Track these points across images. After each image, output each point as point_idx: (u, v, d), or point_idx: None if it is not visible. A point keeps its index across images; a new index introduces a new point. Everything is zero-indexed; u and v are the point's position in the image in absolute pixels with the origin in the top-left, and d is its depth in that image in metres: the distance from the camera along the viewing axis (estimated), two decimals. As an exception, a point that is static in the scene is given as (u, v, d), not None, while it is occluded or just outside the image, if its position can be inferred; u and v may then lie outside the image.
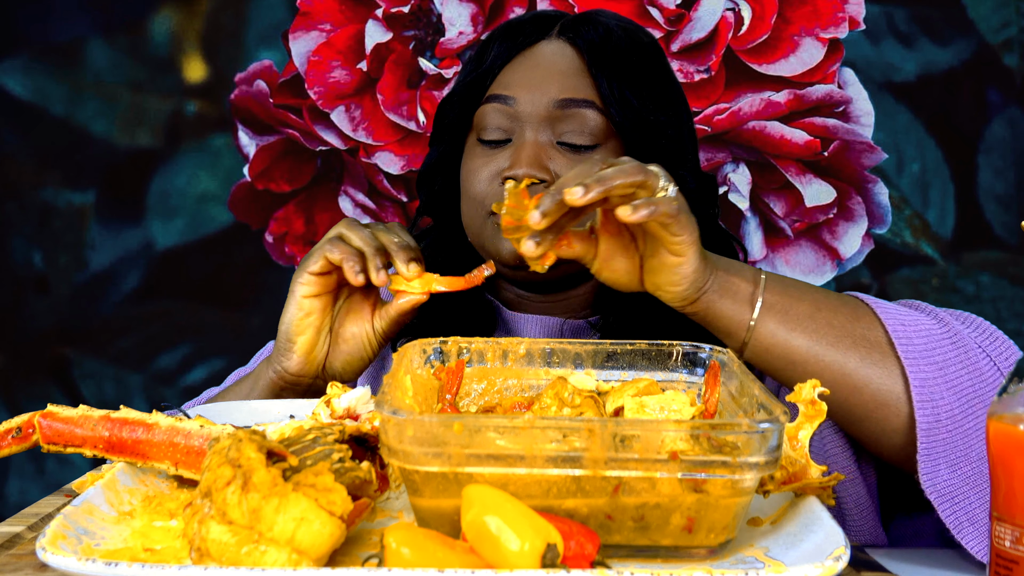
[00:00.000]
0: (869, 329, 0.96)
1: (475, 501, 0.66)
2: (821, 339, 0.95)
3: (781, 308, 0.95)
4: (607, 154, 1.16)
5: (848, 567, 0.71)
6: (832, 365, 0.95)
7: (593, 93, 1.16)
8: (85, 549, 0.69)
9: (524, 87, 1.17)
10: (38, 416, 0.81)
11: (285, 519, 0.65)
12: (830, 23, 2.10)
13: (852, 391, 0.95)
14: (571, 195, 0.84)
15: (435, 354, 0.89)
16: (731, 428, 0.69)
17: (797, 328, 0.95)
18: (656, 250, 0.91)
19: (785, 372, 0.96)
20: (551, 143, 1.16)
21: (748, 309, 0.94)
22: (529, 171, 1.13)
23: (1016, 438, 0.69)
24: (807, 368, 0.95)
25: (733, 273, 0.95)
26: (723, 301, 0.94)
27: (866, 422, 0.96)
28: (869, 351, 0.95)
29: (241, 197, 2.18)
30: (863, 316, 0.97)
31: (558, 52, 1.19)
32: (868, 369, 0.95)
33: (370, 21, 2.13)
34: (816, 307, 0.96)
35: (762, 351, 0.95)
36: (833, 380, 0.94)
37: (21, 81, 2.18)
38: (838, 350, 0.95)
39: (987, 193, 2.12)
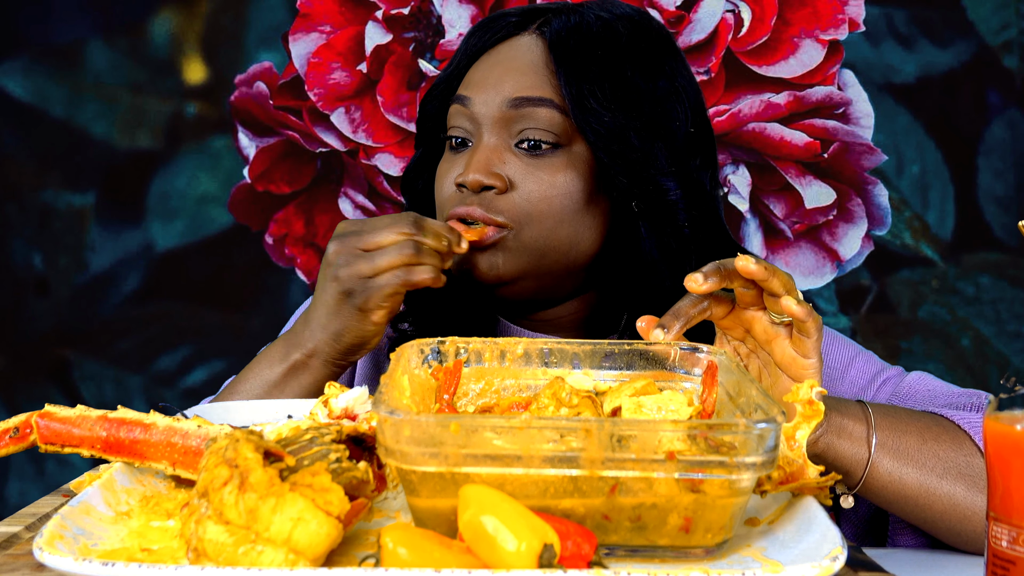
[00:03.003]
0: (971, 456, 0.98)
1: (472, 501, 0.66)
2: (931, 472, 0.97)
3: (892, 445, 0.96)
4: (570, 156, 1.10)
5: (845, 567, 0.71)
6: (943, 498, 0.97)
7: (553, 91, 1.10)
8: (82, 549, 0.69)
9: (480, 87, 1.12)
10: (36, 416, 0.81)
11: (282, 519, 0.65)
12: (830, 25, 2.10)
13: (962, 520, 0.98)
14: (743, 262, 0.85)
15: (432, 354, 0.89)
16: (728, 428, 0.69)
17: (909, 463, 0.97)
18: (777, 380, 0.92)
19: (897, 505, 0.98)
20: (508, 145, 1.11)
21: (865, 449, 0.95)
22: (476, 176, 1.08)
23: (1012, 438, 0.69)
24: (919, 501, 0.97)
25: (845, 414, 0.96)
26: (841, 442, 0.95)
27: (974, 543, 0.98)
28: (975, 480, 0.97)
29: (241, 199, 2.18)
30: (963, 443, 0.99)
31: (524, 48, 1.13)
32: (976, 497, 0.97)
33: (370, 23, 2.13)
34: (922, 439, 0.98)
35: (878, 488, 0.97)
36: (944, 511, 0.97)
37: (21, 83, 2.18)
38: (947, 481, 0.97)
39: (987, 195, 2.12)
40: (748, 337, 0.93)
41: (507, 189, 1.09)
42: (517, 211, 1.09)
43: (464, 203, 1.09)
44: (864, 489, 0.97)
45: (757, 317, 0.91)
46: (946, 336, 2.14)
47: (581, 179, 1.10)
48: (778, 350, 0.90)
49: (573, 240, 1.11)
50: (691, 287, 0.87)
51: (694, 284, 0.87)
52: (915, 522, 0.99)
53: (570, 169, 1.10)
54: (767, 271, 0.86)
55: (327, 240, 2.18)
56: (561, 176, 1.09)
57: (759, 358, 0.94)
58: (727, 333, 0.94)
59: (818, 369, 0.90)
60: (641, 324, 0.89)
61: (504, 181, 1.09)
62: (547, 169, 1.09)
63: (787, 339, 0.90)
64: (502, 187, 1.09)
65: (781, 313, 0.89)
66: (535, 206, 1.09)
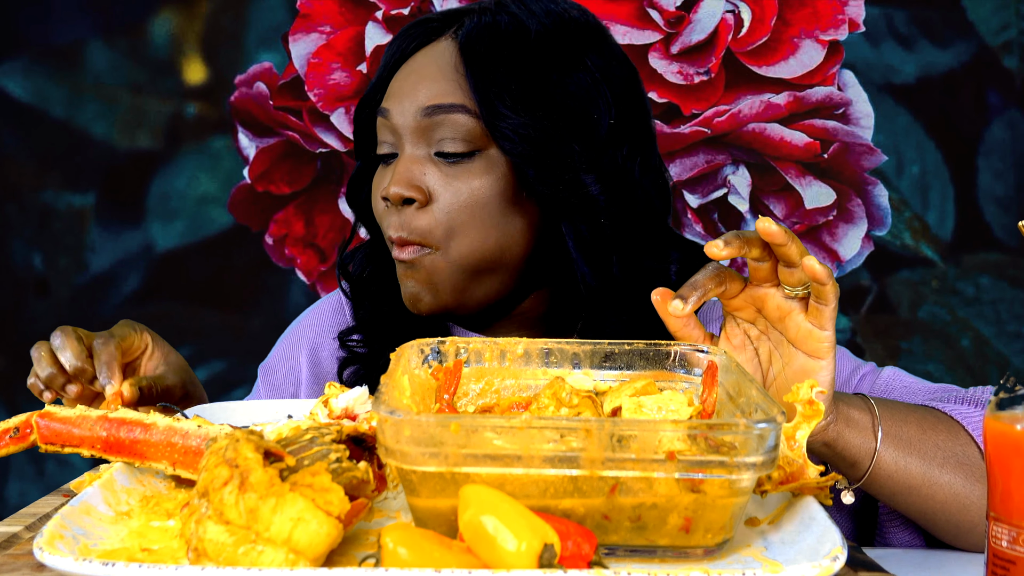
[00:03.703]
0: (966, 446, 0.99)
1: (472, 501, 0.66)
2: (932, 462, 0.97)
3: (895, 434, 0.96)
4: (486, 162, 1.07)
5: (845, 567, 0.71)
6: (944, 487, 0.97)
7: (464, 96, 1.07)
8: (82, 549, 0.69)
9: (396, 97, 1.10)
10: (36, 416, 0.81)
11: (282, 519, 0.65)
12: (830, 25, 2.10)
13: (962, 509, 0.98)
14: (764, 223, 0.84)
15: (433, 354, 0.88)
16: (728, 428, 0.69)
17: (912, 453, 0.97)
18: (791, 359, 0.91)
19: (901, 496, 0.98)
20: (428, 155, 1.08)
21: (872, 438, 0.95)
22: (396, 189, 1.06)
23: (1013, 438, 0.69)
24: (922, 491, 0.97)
25: (851, 404, 0.96)
26: (850, 431, 0.94)
27: (972, 534, 0.99)
28: (971, 468, 0.98)
29: (241, 199, 2.18)
30: (959, 433, 1.00)
31: (438, 54, 1.10)
32: (974, 486, 0.97)
33: (370, 23, 2.13)
34: (922, 429, 0.98)
35: (884, 478, 0.96)
36: (945, 500, 0.97)
37: (21, 83, 2.18)
38: (947, 471, 0.97)
39: (987, 195, 2.12)
40: (759, 318, 0.93)
41: (428, 202, 1.07)
42: (439, 226, 1.07)
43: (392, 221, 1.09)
44: (870, 480, 0.96)
45: (770, 294, 0.90)
46: (946, 336, 2.14)
47: (500, 183, 1.08)
48: (792, 326, 0.90)
49: (502, 246, 1.09)
50: (712, 252, 0.85)
51: (715, 249, 0.85)
52: (914, 514, 0.99)
53: (488, 174, 1.08)
54: (786, 235, 0.85)
55: (327, 240, 2.19)
56: (478, 182, 1.07)
57: (770, 339, 0.92)
58: (737, 315, 0.93)
59: (833, 343, 0.89)
60: (656, 297, 0.89)
61: (424, 193, 1.07)
62: (464, 177, 1.07)
63: (801, 312, 0.89)
64: (422, 200, 1.07)
65: (795, 285, 0.88)
66: (455, 218, 1.07)
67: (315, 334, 1.28)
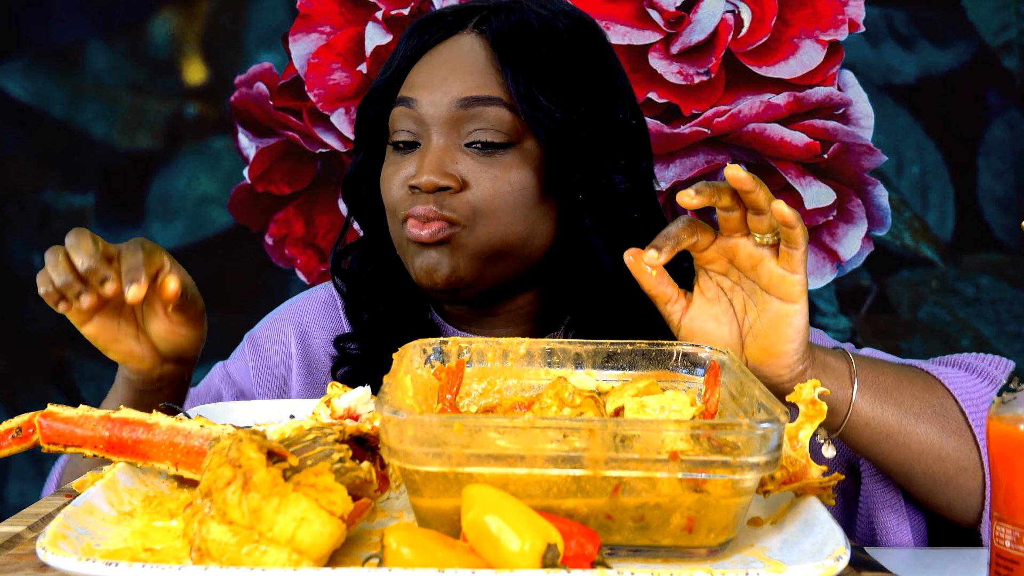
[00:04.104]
0: (943, 399, 1.00)
1: (475, 501, 0.66)
2: (908, 411, 0.98)
3: (872, 383, 0.97)
4: (522, 153, 1.10)
5: (848, 567, 0.71)
6: (920, 436, 0.98)
7: (500, 89, 1.09)
8: (85, 549, 0.69)
9: (426, 87, 1.11)
10: (38, 416, 0.81)
11: (285, 519, 0.65)
12: (830, 25, 2.10)
13: (937, 460, 0.98)
14: (732, 169, 0.85)
15: (435, 354, 0.89)
16: (731, 428, 0.69)
17: (889, 401, 0.97)
18: (765, 305, 0.91)
19: (878, 446, 0.98)
20: (458, 146, 1.10)
21: (848, 385, 0.96)
22: (431, 178, 1.07)
23: (1016, 438, 0.69)
24: (899, 440, 0.97)
25: (826, 352, 0.96)
26: (827, 378, 0.95)
27: (947, 488, 0.99)
28: (947, 420, 0.99)
29: (241, 199, 2.18)
30: (935, 387, 1.01)
31: (466, 47, 1.12)
32: (948, 438, 0.98)
33: (370, 23, 2.13)
34: (898, 380, 0.99)
35: (861, 426, 0.97)
36: (921, 450, 0.98)
37: (21, 83, 2.18)
38: (923, 421, 0.98)
39: (987, 195, 2.12)
40: (731, 269, 0.93)
41: (461, 188, 1.09)
42: (471, 209, 1.09)
43: (419, 203, 1.09)
44: (848, 428, 0.96)
45: (741, 243, 0.91)
46: (946, 336, 2.14)
47: (533, 175, 1.10)
48: (764, 272, 0.90)
49: (528, 236, 1.11)
50: (684, 201, 0.86)
51: (687, 199, 0.86)
52: (891, 465, 1.00)
53: (522, 166, 1.10)
54: (754, 181, 0.86)
55: (327, 241, 2.18)
56: (514, 173, 1.09)
57: (743, 289, 0.93)
58: (709, 267, 0.94)
59: (804, 286, 0.90)
60: (629, 258, 0.90)
61: (458, 181, 1.09)
62: (499, 167, 1.09)
63: (773, 259, 0.90)
64: (456, 187, 1.08)
65: (765, 232, 0.89)
66: (489, 203, 1.09)
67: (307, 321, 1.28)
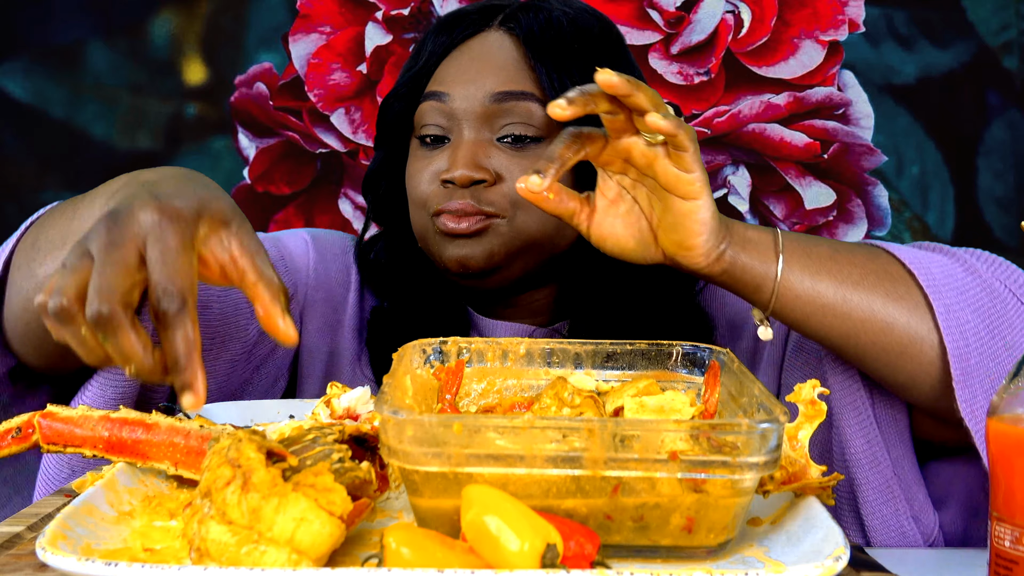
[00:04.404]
0: (889, 264, 0.95)
1: (475, 501, 0.66)
2: (846, 280, 0.93)
3: (802, 253, 0.93)
4: None
5: (848, 567, 0.71)
6: (860, 305, 0.93)
7: (533, 85, 1.11)
8: (85, 549, 0.69)
9: (459, 82, 1.12)
10: (38, 416, 0.81)
11: (285, 519, 0.65)
12: (830, 25, 2.10)
13: (882, 331, 0.93)
14: (603, 75, 0.81)
15: (435, 354, 0.89)
16: (731, 428, 0.69)
17: (822, 271, 0.93)
18: (668, 203, 0.88)
19: (813, 320, 0.93)
20: (490, 140, 1.11)
21: (773, 258, 0.91)
22: (466, 172, 1.08)
23: (1016, 438, 0.69)
24: (836, 312, 0.92)
25: (748, 226, 0.93)
26: (747, 254, 0.91)
27: (900, 361, 0.94)
28: (893, 285, 0.94)
29: (241, 199, 2.18)
30: (879, 254, 0.96)
31: (496, 43, 1.13)
32: (895, 305, 0.93)
33: (370, 23, 2.13)
34: (834, 249, 0.95)
35: (791, 300, 0.92)
36: (863, 321, 0.93)
37: (21, 83, 2.18)
38: (864, 289, 0.93)
39: (987, 195, 2.12)
40: (629, 167, 0.90)
41: (495, 182, 1.10)
42: (509, 201, 1.10)
43: (454, 198, 1.09)
44: (779, 304, 0.92)
45: (633, 142, 0.87)
46: (946, 337, 2.14)
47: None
48: (660, 171, 0.87)
49: (559, 227, 1.12)
50: (554, 113, 0.82)
51: (558, 110, 0.82)
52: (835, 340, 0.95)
53: None
54: (630, 84, 0.82)
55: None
56: None
57: (645, 186, 0.90)
58: (607, 169, 0.91)
59: (704, 182, 0.87)
60: (521, 185, 0.85)
61: (491, 174, 1.09)
62: (532, 160, 1.10)
63: (667, 158, 0.86)
64: (491, 180, 1.09)
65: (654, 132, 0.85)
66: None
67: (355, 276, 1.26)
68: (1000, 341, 0.93)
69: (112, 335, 0.67)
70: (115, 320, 0.67)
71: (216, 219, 0.74)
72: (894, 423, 1.04)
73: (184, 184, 0.78)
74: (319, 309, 1.21)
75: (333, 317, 1.22)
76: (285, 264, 1.20)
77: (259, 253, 0.75)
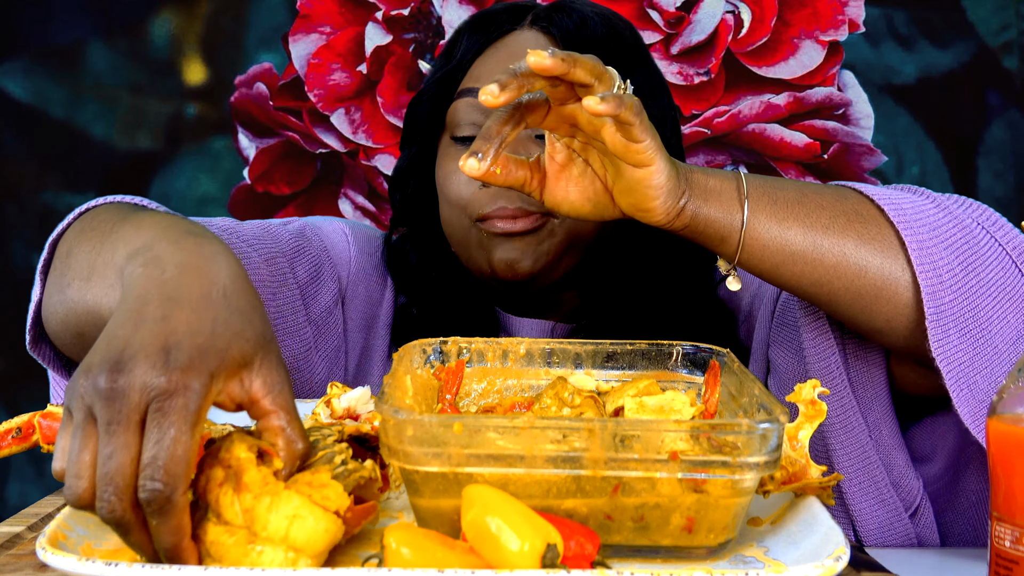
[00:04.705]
0: (859, 204, 0.91)
1: (475, 501, 0.66)
2: (815, 223, 0.89)
3: (769, 199, 0.89)
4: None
5: (848, 567, 0.71)
6: (832, 250, 0.89)
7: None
8: (85, 549, 0.69)
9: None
10: (38, 416, 0.81)
11: (278, 517, 0.65)
12: (830, 26, 2.10)
13: (856, 275, 0.90)
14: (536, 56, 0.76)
15: (435, 354, 0.88)
16: (731, 428, 0.69)
17: (789, 217, 0.89)
18: (619, 169, 0.85)
19: (784, 269, 0.90)
20: (529, 136, 1.09)
21: (737, 207, 0.88)
22: None
23: (1016, 438, 0.69)
24: (807, 259, 0.89)
25: (710, 175, 0.89)
26: (709, 206, 0.87)
27: (876, 305, 0.90)
28: (865, 226, 0.90)
29: (241, 200, 2.18)
30: (849, 195, 0.92)
31: (531, 41, 1.13)
32: (867, 247, 0.89)
33: (370, 24, 2.13)
34: (801, 192, 0.91)
35: (758, 250, 0.89)
36: (835, 267, 0.89)
37: (21, 83, 2.18)
38: (834, 233, 0.89)
39: (987, 196, 2.12)
40: (577, 131, 0.86)
41: None
42: None
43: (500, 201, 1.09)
44: (746, 255, 0.89)
45: (577, 109, 0.82)
46: (946, 337, 2.14)
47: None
48: (608, 140, 0.82)
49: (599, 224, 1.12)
50: (487, 102, 0.77)
51: (490, 98, 0.77)
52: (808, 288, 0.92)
53: None
54: (565, 63, 0.77)
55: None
56: None
57: (596, 148, 0.87)
58: (553, 132, 0.87)
59: (655, 147, 0.83)
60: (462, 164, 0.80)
61: None
62: None
63: (613, 125, 0.81)
64: None
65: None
66: None
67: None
68: (975, 280, 0.89)
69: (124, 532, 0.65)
70: (124, 518, 0.64)
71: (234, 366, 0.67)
72: (871, 386, 1.01)
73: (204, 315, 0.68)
74: (358, 305, 1.21)
75: (369, 313, 1.22)
76: (329, 256, 1.18)
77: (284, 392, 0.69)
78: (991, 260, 0.92)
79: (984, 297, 0.90)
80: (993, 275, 0.91)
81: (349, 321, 1.20)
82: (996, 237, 0.93)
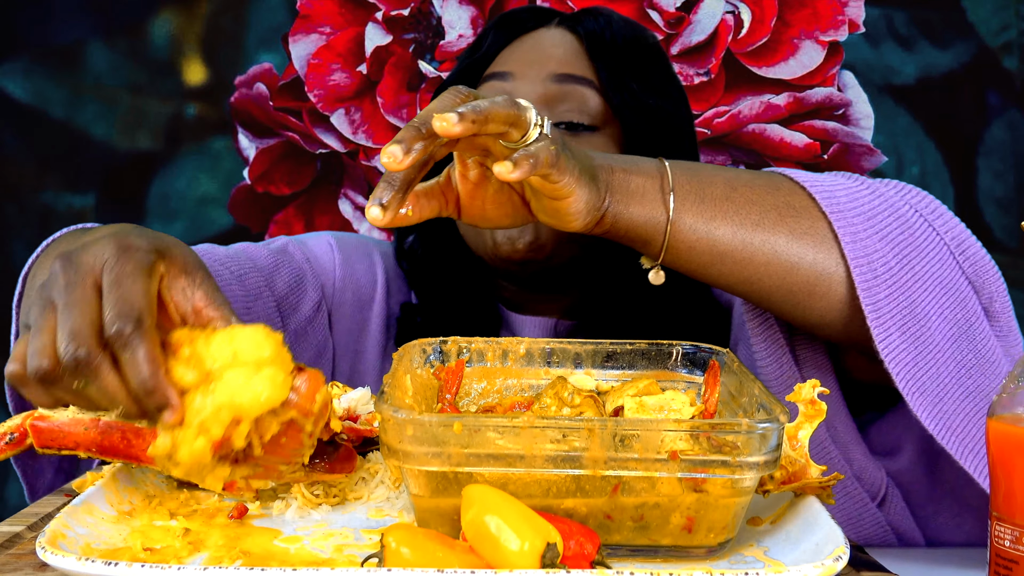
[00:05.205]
0: (791, 195, 0.89)
1: (475, 501, 0.66)
2: (744, 220, 0.87)
3: (696, 196, 0.86)
4: (606, 139, 1.14)
5: (848, 567, 0.71)
6: (762, 248, 0.87)
7: (592, 75, 1.15)
8: (85, 549, 0.69)
9: (522, 63, 1.16)
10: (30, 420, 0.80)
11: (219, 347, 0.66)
12: (830, 26, 2.10)
13: (787, 272, 0.87)
14: (442, 122, 0.71)
15: (435, 354, 0.88)
16: (731, 428, 0.69)
17: (717, 215, 0.86)
18: (538, 196, 0.82)
19: (712, 268, 0.88)
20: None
21: (660, 207, 0.85)
22: None
23: (1016, 438, 0.69)
24: (735, 257, 0.87)
25: (633, 172, 0.86)
26: (631, 209, 0.85)
27: (809, 301, 0.88)
28: (797, 220, 0.87)
29: (241, 200, 2.18)
30: (781, 185, 0.90)
31: (558, 36, 1.18)
32: (799, 242, 0.87)
33: (370, 24, 2.13)
34: (731, 186, 0.88)
35: (685, 250, 0.87)
36: (765, 264, 0.87)
37: (21, 84, 2.18)
38: (764, 229, 0.87)
39: (987, 196, 2.12)
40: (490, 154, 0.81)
41: None
42: None
43: None
44: (671, 256, 0.87)
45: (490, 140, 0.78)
46: (946, 337, 2.14)
47: None
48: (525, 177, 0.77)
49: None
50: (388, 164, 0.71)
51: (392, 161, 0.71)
52: (738, 285, 0.89)
53: (608, 149, 1.14)
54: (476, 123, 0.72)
55: (327, 241, 2.18)
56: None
57: None
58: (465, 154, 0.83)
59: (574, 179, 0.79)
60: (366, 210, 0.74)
61: None
62: (586, 146, 1.11)
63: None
64: None
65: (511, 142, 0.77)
66: None
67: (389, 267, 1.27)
68: (910, 274, 0.87)
69: (93, 377, 0.64)
70: (92, 360, 0.63)
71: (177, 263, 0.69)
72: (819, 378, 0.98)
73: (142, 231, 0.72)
74: (346, 310, 1.23)
75: (360, 316, 1.24)
76: (312, 266, 1.21)
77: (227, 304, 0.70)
78: (928, 250, 0.89)
79: (920, 291, 0.88)
80: (929, 267, 0.89)
81: (339, 326, 1.22)
82: (934, 226, 0.91)
